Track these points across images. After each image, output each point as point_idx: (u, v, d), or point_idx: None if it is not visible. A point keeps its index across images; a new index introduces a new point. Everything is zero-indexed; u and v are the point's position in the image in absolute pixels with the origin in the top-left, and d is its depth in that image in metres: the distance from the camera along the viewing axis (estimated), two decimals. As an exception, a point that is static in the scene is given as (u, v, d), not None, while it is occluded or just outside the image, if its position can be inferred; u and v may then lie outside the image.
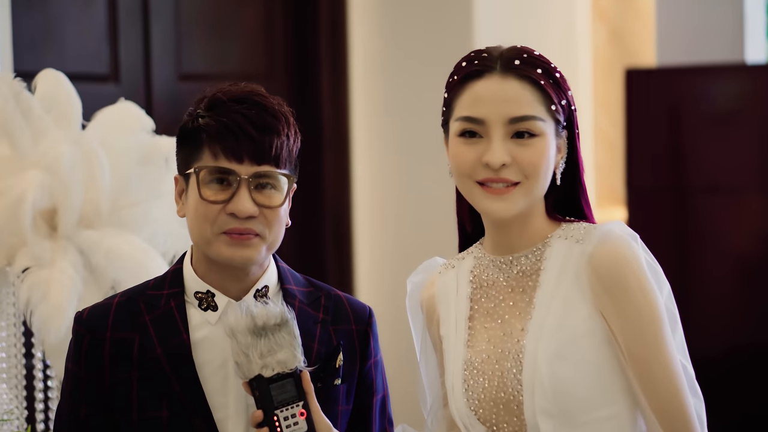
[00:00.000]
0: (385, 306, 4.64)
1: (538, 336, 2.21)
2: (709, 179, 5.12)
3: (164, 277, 2.40)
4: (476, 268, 2.35)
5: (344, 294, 2.48)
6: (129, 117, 3.04)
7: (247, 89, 2.34)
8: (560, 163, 2.28)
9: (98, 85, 4.38)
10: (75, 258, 2.85)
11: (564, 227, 2.29)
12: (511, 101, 2.22)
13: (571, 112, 2.28)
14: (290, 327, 2.25)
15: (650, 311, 2.19)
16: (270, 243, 2.33)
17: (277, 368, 2.23)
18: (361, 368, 2.44)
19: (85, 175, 2.88)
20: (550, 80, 2.24)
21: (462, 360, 2.29)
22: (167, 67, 4.61)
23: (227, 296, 2.35)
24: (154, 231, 2.98)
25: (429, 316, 2.42)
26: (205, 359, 2.32)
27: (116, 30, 4.42)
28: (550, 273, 2.25)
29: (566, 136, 2.29)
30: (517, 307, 2.27)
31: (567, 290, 2.22)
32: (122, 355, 2.31)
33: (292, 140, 2.32)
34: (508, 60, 2.25)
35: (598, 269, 2.20)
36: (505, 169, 2.22)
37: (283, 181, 2.32)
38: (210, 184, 2.30)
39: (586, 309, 2.21)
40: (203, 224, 2.30)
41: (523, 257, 2.29)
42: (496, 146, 2.21)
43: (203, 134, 2.29)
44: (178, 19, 4.64)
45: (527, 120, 2.22)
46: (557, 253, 2.26)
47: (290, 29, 4.98)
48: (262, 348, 2.22)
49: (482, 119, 2.23)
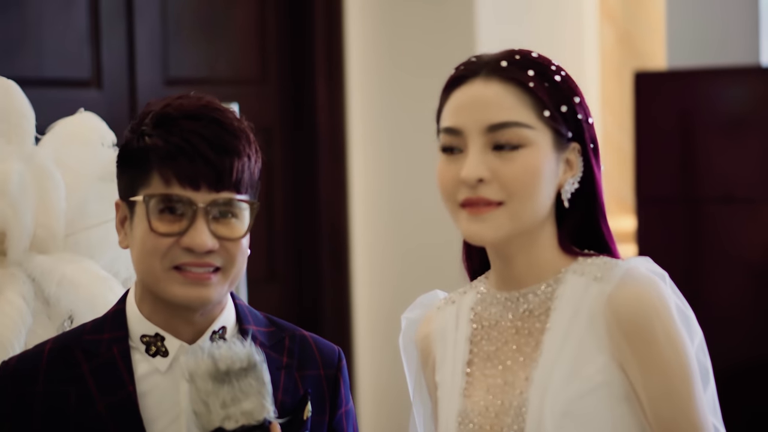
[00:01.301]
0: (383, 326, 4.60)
1: (545, 388, 1.94)
2: (723, 188, 4.99)
3: (104, 319, 2.14)
4: (478, 304, 2.08)
5: (310, 334, 2.22)
6: (87, 129, 2.82)
7: (200, 102, 2.08)
8: (569, 183, 2.00)
9: (79, 90, 4.30)
10: (25, 287, 2.62)
11: (580, 261, 2.01)
12: (488, 106, 1.95)
13: (578, 122, 2.00)
14: (258, 372, 1.98)
15: (679, 366, 1.92)
16: (232, 278, 2.08)
17: (242, 420, 1.96)
18: (330, 419, 2.17)
19: (36, 195, 2.66)
20: (544, 83, 1.97)
21: (456, 411, 2.02)
22: (153, 71, 4.53)
23: (179, 339, 2.10)
24: (114, 256, 2.76)
25: (424, 358, 2.15)
26: (154, 414, 2.06)
27: (98, 32, 4.33)
28: (561, 314, 1.98)
29: (579, 151, 2.01)
30: (522, 351, 2.00)
31: (581, 335, 1.95)
32: (56, 413, 2.04)
33: (253, 161, 2.07)
34: (495, 62, 1.99)
35: (618, 313, 1.92)
36: (482, 186, 1.94)
37: (244, 209, 2.07)
38: (161, 214, 2.04)
39: (603, 358, 1.93)
40: (151, 260, 2.04)
41: (531, 294, 2.01)
42: (470, 159, 1.94)
43: (152, 155, 2.04)
44: (164, 20, 4.55)
45: (507, 127, 1.94)
46: (571, 291, 1.98)
47: (284, 31, 4.91)
48: (225, 396, 1.96)
49: (459, 129, 1.96)
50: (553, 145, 1.97)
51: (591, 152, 2.02)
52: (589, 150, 2.01)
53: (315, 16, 4.90)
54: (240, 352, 1.98)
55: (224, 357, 1.97)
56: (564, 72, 2.00)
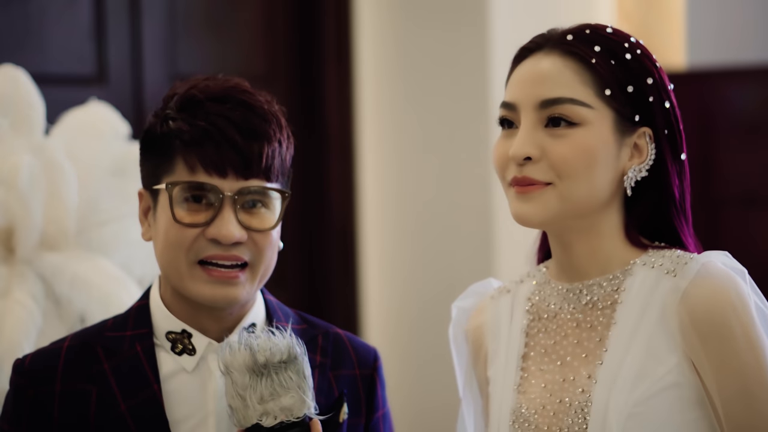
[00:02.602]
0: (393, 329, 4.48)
1: (610, 388, 1.82)
2: (744, 190, 4.92)
3: (127, 314, 2.02)
4: (536, 295, 1.98)
5: (345, 332, 2.11)
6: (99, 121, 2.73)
7: (228, 84, 1.97)
8: (633, 170, 1.90)
9: (83, 87, 4.17)
10: (35, 286, 2.52)
11: (651, 254, 1.90)
12: (543, 81, 1.86)
13: (648, 104, 1.89)
14: (299, 365, 1.88)
15: (758, 368, 1.80)
16: (261, 275, 1.96)
17: (280, 416, 1.85)
18: (367, 423, 2.06)
19: (47, 189, 2.56)
20: (610, 60, 1.86)
21: (510, 408, 1.91)
22: (159, 68, 4.43)
23: (207, 337, 1.97)
24: (129, 254, 2.67)
25: (475, 351, 2.05)
26: (180, 415, 1.95)
27: (103, 27, 4.24)
28: (629, 308, 1.86)
29: (651, 136, 1.89)
30: (583, 347, 1.89)
31: (650, 332, 1.84)
32: (76, 414, 1.92)
33: (284, 147, 1.96)
34: (561, 36, 1.91)
35: (693, 311, 1.81)
36: (530, 165, 1.85)
37: (275, 198, 1.96)
38: (185, 202, 1.93)
39: (674, 358, 1.82)
40: (176, 252, 1.92)
41: (596, 286, 1.90)
42: (520, 135, 1.85)
43: (176, 141, 1.92)
44: (171, 15, 4.47)
45: (560, 104, 1.85)
46: (640, 284, 1.87)
47: (293, 27, 4.82)
48: (263, 390, 1.85)
49: (513, 103, 1.88)
50: (614, 127, 1.87)
51: (664, 139, 1.90)
52: (662, 136, 1.90)
53: (324, 12, 4.82)
54: (280, 344, 1.88)
55: (263, 348, 1.87)
56: (640, 50, 1.90)
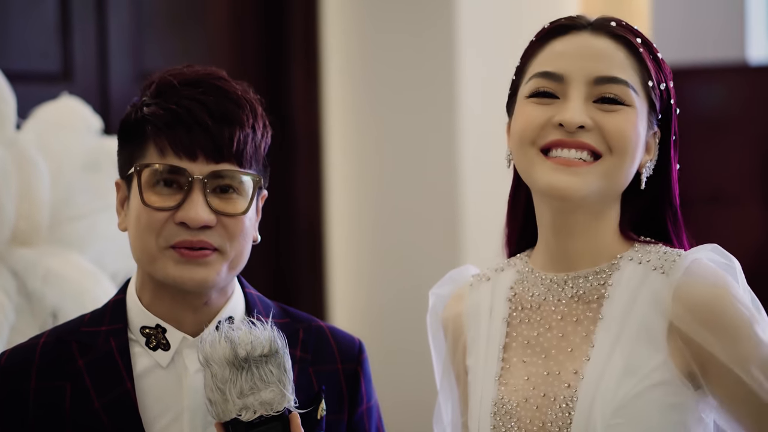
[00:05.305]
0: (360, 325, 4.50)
1: (596, 383, 1.81)
2: (708, 189, 4.91)
3: (103, 309, 2.00)
4: (518, 284, 1.96)
5: (328, 325, 2.09)
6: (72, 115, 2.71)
7: (203, 71, 1.96)
8: (647, 166, 1.92)
9: (48, 85, 4.15)
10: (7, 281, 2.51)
11: (637, 248, 1.91)
12: (600, 58, 1.87)
13: (669, 106, 1.92)
14: (280, 359, 1.86)
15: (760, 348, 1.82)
16: (232, 260, 1.95)
17: (260, 410, 1.84)
18: (350, 417, 2.04)
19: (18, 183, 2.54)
20: (650, 54, 1.90)
21: (491, 399, 1.89)
22: (125, 65, 4.41)
23: (182, 332, 1.95)
24: (102, 249, 2.65)
25: (454, 339, 2.02)
26: (154, 412, 1.93)
27: (69, 24, 4.21)
28: (616, 304, 1.86)
29: (658, 137, 1.92)
30: (569, 341, 1.88)
31: (637, 328, 1.84)
32: (51, 410, 1.91)
33: (259, 134, 1.94)
34: (604, 20, 1.93)
35: (691, 305, 1.82)
36: (583, 133, 1.85)
37: (246, 183, 1.94)
38: (155, 186, 1.91)
39: (661, 356, 1.82)
40: (146, 236, 1.91)
41: (582, 278, 1.89)
42: (574, 104, 1.85)
43: (148, 126, 1.92)
44: (137, 11, 4.44)
45: (616, 83, 1.86)
46: (628, 280, 1.87)
47: (259, 25, 4.80)
48: (243, 385, 1.83)
49: (561, 74, 1.88)
50: (647, 118, 1.90)
51: (672, 143, 1.93)
52: (671, 140, 1.93)
53: (291, 10, 4.79)
54: (261, 337, 1.86)
55: (244, 342, 1.85)
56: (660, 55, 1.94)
